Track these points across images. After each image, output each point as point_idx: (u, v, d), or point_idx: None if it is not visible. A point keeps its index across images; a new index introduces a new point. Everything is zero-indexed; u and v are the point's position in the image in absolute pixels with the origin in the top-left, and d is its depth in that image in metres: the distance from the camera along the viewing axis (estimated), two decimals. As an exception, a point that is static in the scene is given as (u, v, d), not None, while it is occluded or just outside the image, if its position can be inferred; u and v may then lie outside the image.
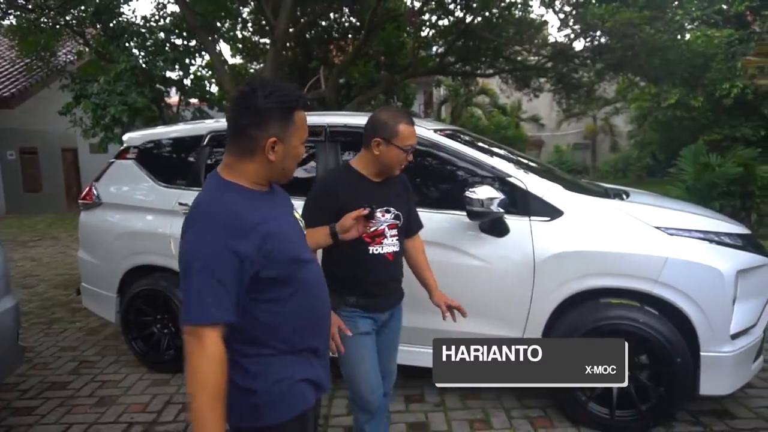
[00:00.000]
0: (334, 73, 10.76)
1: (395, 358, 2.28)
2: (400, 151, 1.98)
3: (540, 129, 21.36)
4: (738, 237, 2.76)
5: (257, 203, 1.37)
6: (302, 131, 1.41)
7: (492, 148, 3.37)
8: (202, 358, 1.22)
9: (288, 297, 1.39)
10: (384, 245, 2.04)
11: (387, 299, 2.13)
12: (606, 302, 2.65)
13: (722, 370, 2.56)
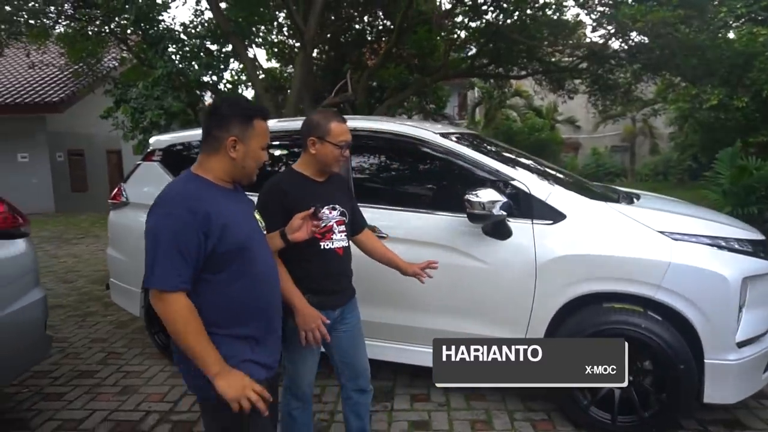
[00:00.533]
0: (364, 76, 10.89)
1: (364, 354, 2.34)
2: (334, 147, 2.10)
3: (576, 131, 20.93)
4: (749, 243, 2.69)
5: (217, 195, 1.60)
6: (262, 137, 1.67)
7: (501, 152, 3.39)
8: (176, 316, 1.47)
9: (233, 281, 1.57)
10: (334, 240, 2.14)
11: (338, 296, 2.21)
12: (609, 307, 2.64)
13: (727, 379, 2.51)
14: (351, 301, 2.29)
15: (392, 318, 3.03)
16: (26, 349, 2.77)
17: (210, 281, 1.56)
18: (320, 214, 2.01)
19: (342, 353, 2.28)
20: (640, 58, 10.13)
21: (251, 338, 1.62)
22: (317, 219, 1.99)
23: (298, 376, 2.20)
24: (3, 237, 2.72)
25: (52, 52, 11.14)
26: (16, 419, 3.03)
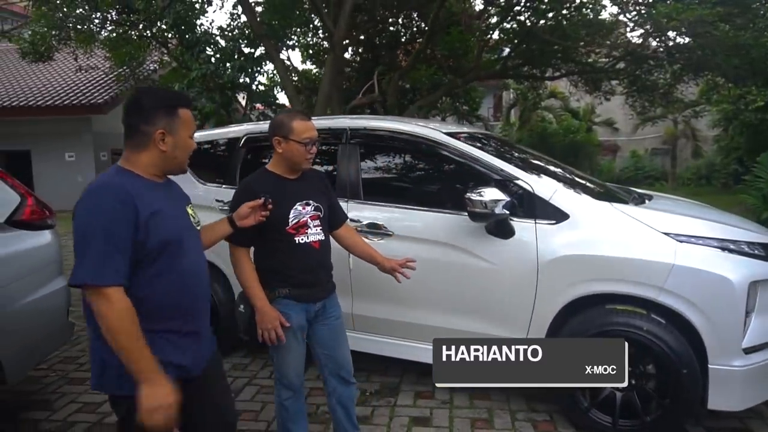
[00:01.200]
0: (395, 77, 10.95)
1: (345, 346, 2.38)
2: (300, 144, 2.14)
3: (614, 133, 20.39)
4: (761, 246, 2.61)
5: (146, 189, 1.58)
6: (189, 125, 1.65)
7: (511, 152, 3.38)
8: (113, 313, 1.43)
9: (159, 277, 1.56)
10: (309, 235, 2.20)
11: (318, 289, 2.26)
12: (611, 308, 2.61)
13: (733, 386, 2.44)
14: (332, 295, 2.35)
15: (396, 314, 3.08)
16: (49, 334, 2.94)
17: (137, 275, 1.52)
18: (269, 204, 2.07)
19: (324, 346, 2.34)
20: (680, 58, 9.83)
21: (172, 331, 1.60)
22: (266, 209, 2.07)
23: (284, 365, 2.27)
24: (31, 228, 2.90)
25: (98, 56, 11.65)
26: (41, 400, 3.22)
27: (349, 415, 2.44)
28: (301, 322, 2.24)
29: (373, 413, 3.00)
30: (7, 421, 2.96)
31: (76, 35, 10.24)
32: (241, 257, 2.20)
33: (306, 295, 2.22)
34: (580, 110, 19.20)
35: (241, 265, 2.19)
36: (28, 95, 13.16)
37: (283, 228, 2.16)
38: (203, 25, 10.18)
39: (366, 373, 3.50)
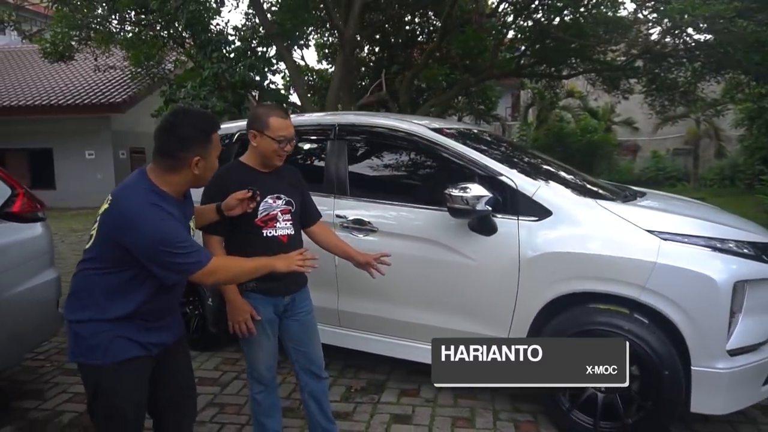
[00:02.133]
0: (408, 76, 10.91)
1: (316, 341, 2.38)
2: (273, 141, 2.13)
3: (635, 133, 19.99)
4: (751, 245, 2.52)
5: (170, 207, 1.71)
6: (218, 147, 1.79)
7: (499, 148, 3.34)
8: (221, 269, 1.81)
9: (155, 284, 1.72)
10: (277, 228, 2.20)
11: (286, 283, 2.23)
12: (593, 307, 2.55)
13: (716, 388, 2.36)
14: (303, 290, 2.34)
15: (380, 311, 3.06)
16: (38, 324, 3.00)
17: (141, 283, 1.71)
18: (257, 196, 2.09)
19: (295, 341, 2.34)
20: (700, 55, 9.60)
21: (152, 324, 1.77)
22: (253, 201, 2.09)
23: (255, 360, 2.28)
24: (22, 221, 2.97)
25: (116, 55, 11.88)
26: (34, 389, 3.29)
27: (322, 409, 2.43)
28: (269, 316, 2.24)
29: (355, 410, 2.99)
30: None
31: (96, 36, 10.46)
32: (215, 247, 2.21)
33: (274, 288, 2.22)
34: (599, 110, 18.88)
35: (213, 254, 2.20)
36: (50, 95, 13.50)
37: (252, 220, 2.17)
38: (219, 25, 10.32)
39: (354, 370, 3.50)
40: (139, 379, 1.78)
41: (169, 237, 1.64)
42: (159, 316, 1.80)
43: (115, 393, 1.72)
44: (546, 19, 10.72)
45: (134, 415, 1.77)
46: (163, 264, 1.65)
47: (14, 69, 15.66)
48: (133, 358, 1.73)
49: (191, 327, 3.82)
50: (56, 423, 2.88)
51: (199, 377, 3.40)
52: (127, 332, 1.72)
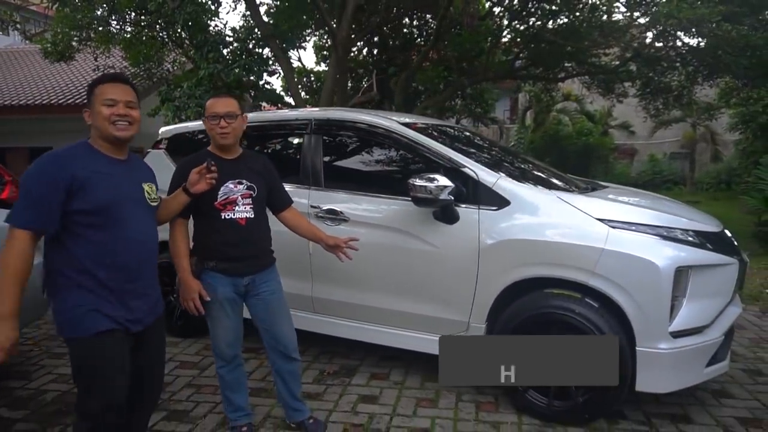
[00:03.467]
0: (402, 77, 11.06)
1: (284, 322, 2.49)
2: (207, 120, 2.32)
3: (632, 136, 20.10)
4: (696, 234, 2.65)
5: (94, 159, 1.83)
6: (100, 97, 1.85)
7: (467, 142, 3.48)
8: (11, 249, 1.72)
9: (93, 238, 1.79)
10: (236, 211, 2.33)
11: (244, 264, 2.37)
12: (549, 292, 2.68)
13: (659, 368, 2.49)
14: (265, 271, 2.45)
15: (350, 297, 3.19)
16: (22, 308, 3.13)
17: (77, 234, 1.79)
18: (212, 166, 2.22)
19: (260, 321, 2.47)
20: (692, 60, 9.72)
21: (104, 291, 1.83)
22: (211, 172, 2.22)
23: (215, 336, 2.42)
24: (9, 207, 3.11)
25: (116, 56, 12.05)
26: (21, 371, 3.44)
27: (289, 388, 2.56)
28: (228, 295, 2.36)
29: (326, 390, 3.12)
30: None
31: (96, 36, 10.63)
32: (176, 227, 2.36)
33: (232, 269, 2.35)
34: (596, 113, 19.00)
35: (174, 235, 2.35)
36: (51, 94, 13.67)
37: (212, 203, 2.31)
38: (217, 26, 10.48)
39: (329, 355, 3.63)
40: (117, 352, 1.86)
41: (31, 175, 1.75)
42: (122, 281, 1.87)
43: (95, 365, 1.83)
44: (541, 22, 10.86)
45: (115, 387, 1.86)
46: None
47: (16, 69, 15.87)
48: (108, 331, 1.82)
49: (175, 315, 3.97)
50: (39, 401, 3.02)
51: (181, 361, 3.58)
52: (101, 306, 1.81)
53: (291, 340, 2.53)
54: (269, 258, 2.49)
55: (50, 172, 1.74)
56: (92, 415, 1.84)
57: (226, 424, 2.66)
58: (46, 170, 1.75)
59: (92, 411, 1.84)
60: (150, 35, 10.35)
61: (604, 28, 10.38)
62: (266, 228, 2.47)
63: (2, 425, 2.75)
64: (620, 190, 3.52)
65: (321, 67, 14.94)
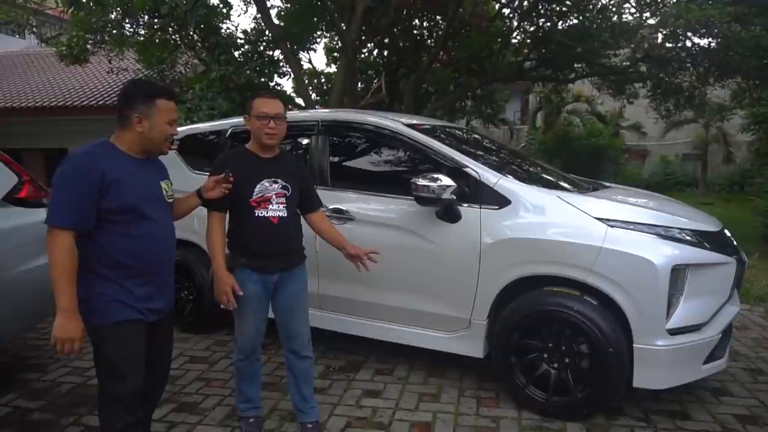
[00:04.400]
0: (412, 79, 11.13)
1: (300, 321, 2.55)
2: (256, 119, 2.36)
3: (643, 138, 19.99)
4: (693, 233, 2.69)
5: (120, 160, 1.90)
6: (166, 113, 1.95)
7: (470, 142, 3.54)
8: (54, 247, 1.79)
9: (119, 234, 1.89)
10: (269, 210, 2.39)
11: (274, 261, 2.43)
12: (548, 290, 2.74)
13: (656, 364, 2.54)
14: (294, 269, 2.51)
15: (356, 294, 3.26)
16: (40, 303, 3.23)
17: (104, 229, 1.88)
18: (230, 178, 2.29)
19: (280, 316, 2.54)
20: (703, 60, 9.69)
21: (127, 283, 1.92)
22: (227, 182, 2.29)
23: (238, 330, 2.49)
24: (27, 206, 3.23)
25: (129, 59, 12.24)
26: (37, 364, 3.56)
27: (299, 387, 2.60)
28: (257, 291, 2.43)
29: (331, 385, 3.20)
30: (4, 380, 3.29)
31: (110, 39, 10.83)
32: (213, 223, 2.43)
33: (262, 266, 2.41)
34: (607, 114, 18.93)
35: (211, 230, 2.42)
36: (66, 96, 13.91)
37: (247, 200, 2.37)
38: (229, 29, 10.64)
39: (335, 351, 3.71)
40: (137, 340, 1.96)
41: (63, 176, 1.81)
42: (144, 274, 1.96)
43: (113, 352, 1.91)
44: (550, 23, 10.87)
45: (131, 374, 1.94)
46: None
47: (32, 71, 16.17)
48: (128, 320, 1.92)
49: (186, 311, 4.07)
50: (55, 392, 3.13)
51: (191, 356, 3.68)
52: (123, 296, 1.91)
53: (305, 338, 2.58)
54: (299, 256, 2.55)
55: (83, 172, 1.82)
56: (116, 400, 1.92)
57: (233, 415, 2.75)
58: (79, 171, 1.83)
59: (116, 396, 1.92)
60: (163, 38, 10.51)
61: (614, 29, 10.39)
62: (298, 227, 2.53)
63: (20, 415, 2.86)
64: (622, 190, 3.57)
65: (331, 69, 15.09)
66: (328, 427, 2.71)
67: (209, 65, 9.50)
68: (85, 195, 1.81)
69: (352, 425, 2.74)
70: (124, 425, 1.92)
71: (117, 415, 1.92)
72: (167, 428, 2.70)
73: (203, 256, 3.95)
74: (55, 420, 2.80)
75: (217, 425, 2.74)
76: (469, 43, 11.38)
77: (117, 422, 1.92)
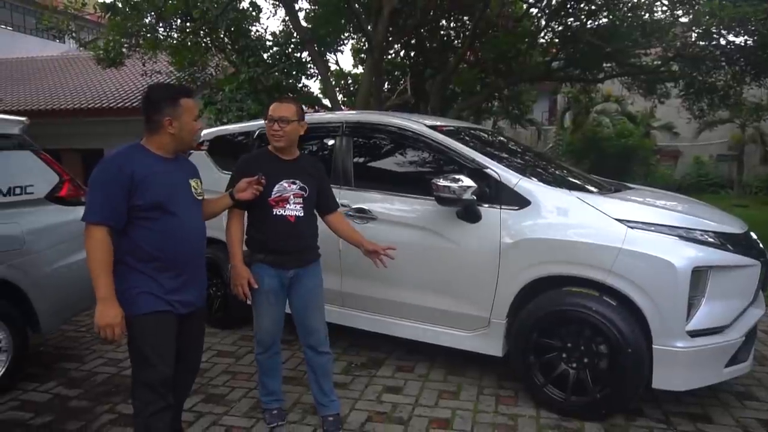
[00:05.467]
0: (438, 80, 11.15)
1: (316, 317, 2.62)
2: (267, 122, 2.48)
3: (675, 138, 19.52)
4: (717, 235, 2.67)
5: (149, 160, 2.02)
6: (191, 111, 2.07)
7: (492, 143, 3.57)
8: (91, 242, 1.93)
9: (150, 230, 2.00)
10: (286, 209, 2.49)
11: (290, 258, 2.52)
12: (567, 290, 2.76)
13: (676, 366, 2.53)
14: (309, 266, 2.59)
15: (377, 292, 3.33)
16: (78, 296, 3.40)
17: (135, 225, 1.99)
18: (262, 180, 2.39)
19: (296, 312, 2.63)
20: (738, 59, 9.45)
21: (158, 276, 2.03)
22: (259, 184, 2.39)
23: (257, 323, 2.60)
24: (67, 204, 3.41)
25: (162, 61, 12.60)
26: (75, 354, 3.74)
27: (318, 381, 2.68)
28: (273, 286, 2.53)
29: (353, 381, 3.28)
30: (44, 368, 3.48)
31: (144, 42, 11.18)
32: (233, 218, 2.55)
33: (278, 261, 2.51)
34: (637, 114, 18.55)
35: (230, 226, 2.54)
36: (103, 98, 14.40)
37: (266, 199, 2.48)
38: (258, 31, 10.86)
39: (357, 348, 3.79)
40: (169, 330, 2.07)
41: (96, 177, 1.94)
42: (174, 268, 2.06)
43: (144, 341, 2.03)
44: (579, 22, 10.75)
45: (161, 362, 2.04)
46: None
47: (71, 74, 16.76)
48: (156, 311, 2.03)
49: (214, 307, 4.21)
50: (91, 381, 3.29)
51: (218, 350, 3.81)
52: (154, 289, 2.02)
53: (321, 333, 2.66)
54: (314, 254, 2.64)
55: (114, 172, 1.95)
56: (147, 386, 2.03)
57: (258, 407, 2.85)
58: (111, 171, 1.95)
59: (148, 382, 2.03)
60: (194, 41, 10.78)
61: (645, 27, 10.20)
62: (314, 226, 2.62)
63: (60, 402, 3.02)
64: (645, 191, 3.55)
65: (358, 70, 15.20)
66: (349, 421, 2.78)
67: (239, 67, 9.72)
68: (115, 194, 1.93)
69: (372, 419, 2.80)
70: (155, 410, 2.03)
71: (148, 399, 2.03)
72: (195, 418, 2.81)
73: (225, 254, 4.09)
74: (91, 407, 2.95)
75: (242, 416, 2.85)
76: (496, 44, 11.31)
77: (149, 407, 2.03)
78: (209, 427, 2.74)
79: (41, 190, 3.29)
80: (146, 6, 9.80)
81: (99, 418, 2.84)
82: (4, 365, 3.05)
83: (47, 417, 2.84)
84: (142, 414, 2.04)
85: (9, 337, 3.06)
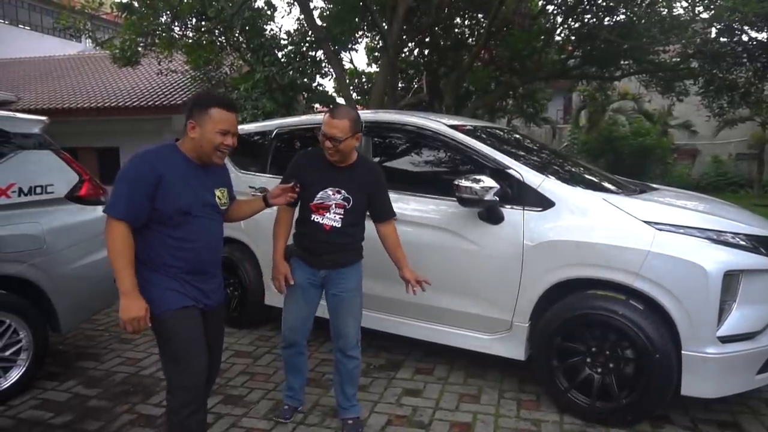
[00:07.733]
0: (452, 78, 11.07)
1: (347, 320, 2.59)
2: (321, 135, 2.42)
3: (693, 137, 19.22)
4: (748, 238, 2.59)
5: (180, 164, 2.01)
6: (216, 124, 2.00)
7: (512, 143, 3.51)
8: (112, 236, 1.91)
9: (169, 234, 1.99)
10: (325, 217, 2.47)
11: (320, 260, 2.53)
12: (592, 293, 2.69)
13: (706, 372, 2.46)
14: (340, 270, 2.55)
15: (396, 293, 3.27)
16: (97, 295, 3.41)
17: (155, 230, 1.99)
18: (297, 188, 2.39)
19: (329, 313, 2.64)
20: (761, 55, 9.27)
21: (180, 275, 2.03)
22: (293, 192, 2.39)
23: (284, 318, 2.64)
24: (86, 203, 3.41)
25: (177, 60, 12.67)
26: (92, 353, 3.75)
27: (343, 384, 2.66)
28: (303, 282, 2.55)
29: (372, 383, 3.24)
30: (63, 367, 3.49)
31: (159, 41, 11.24)
32: (281, 214, 2.60)
33: (310, 261, 2.54)
34: (654, 112, 18.30)
35: (277, 220, 2.60)
36: (118, 97, 14.50)
37: (308, 203, 2.49)
38: (272, 30, 10.87)
39: (376, 349, 3.75)
40: (194, 323, 2.05)
41: (126, 172, 1.93)
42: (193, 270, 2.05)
43: (175, 337, 2.01)
44: (596, 19, 10.61)
45: (195, 356, 2.02)
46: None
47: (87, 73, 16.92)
48: (186, 307, 2.02)
49: (231, 306, 4.20)
50: (110, 381, 3.29)
51: (236, 350, 3.79)
52: (178, 287, 2.01)
53: (350, 337, 2.62)
54: (349, 258, 2.59)
55: (144, 172, 1.93)
56: (182, 388, 2.01)
57: (277, 409, 2.84)
58: (140, 170, 1.94)
59: (183, 384, 2.01)
60: (209, 40, 10.82)
61: (664, 24, 10.04)
62: (350, 236, 2.56)
63: (79, 401, 3.02)
64: (670, 192, 3.47)
65: (372, 68, 15.15)
66: (369, 424, 2.75)
67: (254, 66, 9.73)
68: (141, 193, 1.92)
69: (392, 423, 2.77)
70: (190, 412, 2.01)
71: (185, 401, 2.01)
72: (214, 419, 2.80)
73: (248, 253, 4.08)
74: (110, 407, 2.94)
75: (261, 418, 2.82)
76: (511, 42, 11.20)
77: (183, 409, 2.01)
78: (228, 429, 2.72)
79: (61, 190, 3.29)
80: (162, 5, 9.85)
81: (119, 418, 2.83)
82: (25, 364, 3.06)
83: (67, 417, 2.84)
84: (178, 415, 2.02)
85: (30, 335, 3.07)
